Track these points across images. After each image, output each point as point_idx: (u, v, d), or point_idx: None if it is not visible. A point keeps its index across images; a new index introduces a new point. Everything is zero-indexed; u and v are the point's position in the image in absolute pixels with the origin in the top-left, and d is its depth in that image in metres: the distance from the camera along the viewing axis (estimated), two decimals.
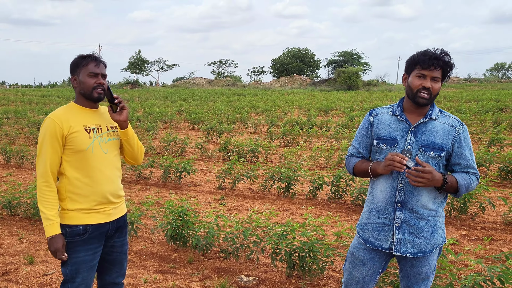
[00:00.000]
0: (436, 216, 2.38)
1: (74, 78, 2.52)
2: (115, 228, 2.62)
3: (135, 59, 76.76)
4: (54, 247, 2.40)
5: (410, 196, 2.34)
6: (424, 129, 2.34)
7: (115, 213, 2.61)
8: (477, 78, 60.46)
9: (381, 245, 2.42)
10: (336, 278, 4.14)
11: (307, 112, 21.49)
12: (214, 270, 4.33)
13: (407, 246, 2.37)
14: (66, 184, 2.46)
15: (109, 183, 2.54)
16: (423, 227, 2.36)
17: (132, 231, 5.03)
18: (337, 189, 6.80)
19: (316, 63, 77.67)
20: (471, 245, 5.03)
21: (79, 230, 2.46)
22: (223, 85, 64.96)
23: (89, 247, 2.50)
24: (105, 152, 2.53)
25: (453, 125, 2.36)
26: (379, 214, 2.43)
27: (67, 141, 2.43)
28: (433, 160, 2.32)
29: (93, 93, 2.48)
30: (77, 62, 2.50)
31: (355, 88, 52.97)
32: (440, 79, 2.29)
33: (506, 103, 22.22)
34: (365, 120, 2.55)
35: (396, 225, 2.37)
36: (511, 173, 7.72)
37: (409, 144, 2.34)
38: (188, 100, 33.96)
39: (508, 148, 10.96)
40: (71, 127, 2.43)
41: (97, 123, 2.55)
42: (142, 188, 7.91)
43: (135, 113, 20.36)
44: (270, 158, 10.68)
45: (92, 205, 2.48)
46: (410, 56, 2.35)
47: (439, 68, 2.25)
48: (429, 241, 2.37)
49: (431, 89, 2.26)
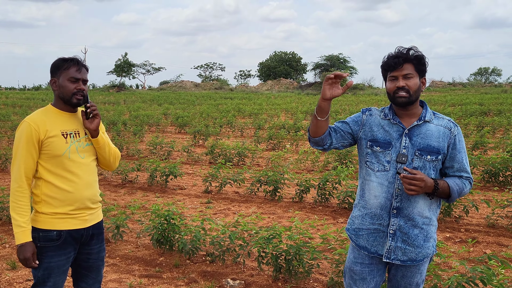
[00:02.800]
0: (429, 224, 2.31)
1: (53, 80, 2.46)
2: (90, 234, 2.56)
3: (122, 62, 76.27)
4: (23, 256, 2.33)
5: (406, 202, 2.26)
6: (418, 132, 2.27)
7: (91, 219, 2.55)
8: (461, 82, 61.26)
9: (377, 252, 2.34)
10: (322, 281, 4.16)
11: (294, 116, 21.56)
12: (200, 274, 4.32)
13: (398, 253, 2.30)
14: (42, 187, 2.41)
15: (86, 189, 2.48)
16: (416, 235, 2.28)
17: (117, 235, 4.99)
18: (323, 192, 6.83)
19: (302, 66, 78.06)
20: (455, 247, 5.09)
21: (52, 236, 2.41)
22: (210, 89, 64.83)
23: (63, 252, 2.45)
24: (82, 157, 2.48)
25: (448, 126, 2.29)
26: (373, 220, 2.34)
27: (43, 146, 2.38)
28: (430, 164, 2.26)
29: (72, 99, 2.43)
30: (58, 65, 2.44)
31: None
32: (413, 74, 2.21)
33: (490, 107, 22.58)
34: (358, 115, 2.44)
35: (391, 232, 2.29)
36: (494, 176, 7.84)
37: (404, 148, 2.26)
38: (174, 103, 33.81)
39: (491, 151, 11.12)
40: (47, 132, 2.38)
41: (75, 128, 2.50)
42: (128, 192, 7.85)
43: (121, 116, 20.20)
44: (257, 162, 10.69)
45: (68, 210, 2.43)
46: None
47: (401, 65, 2.21)
48: (421, 250, 2.30)
49: (406, 86, 2.20)
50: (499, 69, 72.45)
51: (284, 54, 78.09)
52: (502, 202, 5.67)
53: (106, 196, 7.40)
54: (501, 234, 5.54)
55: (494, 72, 70.92)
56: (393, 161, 2.28)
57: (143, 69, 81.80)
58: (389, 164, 2.29)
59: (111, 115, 21.22)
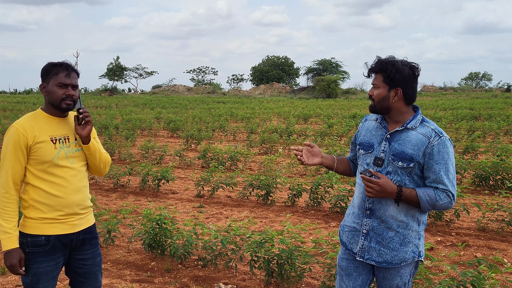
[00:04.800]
0: (407, 228, 2.30)
1: (43, 86, 2.43)
2: (81, 239, 2.52)
3: (114, 66, 75.98)
4: (10, 262, 2.30)
5: (378, 205, 2.32)
6: (398, 138, 2.30)
7: (81, 223, 2.51)
8: (452, 87, 61.75)
9: (352, 249, 2.43)
10: (314, 285, 4.16)
11: (286, 120, 21.60)
12: (192, 278, 4.30)
13: (372, 254, 2.35)
14: (30, 193, 2.38)
15: (75, 194, 2.45)
16: (391, 238, 2.30)
17: (109, 239, 4.96)
18: (315, 196, 6.84)
19: (295, 71, 78.20)
20: (446, 251, 5.12)
21: (41, 241, 2.37)
22: (202, 93, 64.77)
23: (52, 257, 2.41)
24: (72, 163, 2.45)
25: (428, 135, 2.25)
26: (354, 218, 2.44)
27: (32, 151, 2.35)
28: (403, 171, 2.26)
29: (62, 104, 2.39)
30: (48, 70, 2.41)
31: (334, 96, 53.50)
32: (379, 85, 2.32)
33: (480, 112, 22.79)
34: (359, 127, 2.64)
35: (364, 232, 2.37)
36: (485, 180, 7.91)
37: (382, 152, 2.32)
38: (167, 107, 33.75)
39: (482, 155, 11.21)
40: (35, 137, 2.35)
41: (65, 133, 2.46)
42: (120, 196, 7.81)
43: (113, 120, 20.12)
44: (249, 166, 10.69)
45: (56, 215, 2.39)
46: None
47: (370, 76, 2.37)
48: (397, 253, 2.31)
49: (372, 96, 2.36)
50: (490, 74, 73.16)
51: (277, 59, 78.22)
52: (492, 206, 5.71)
53: (98, 200, 7.35)
54: (491, 238, 5.59)
55: (485, 77, 71.53)
56: (371, 164, 2.37)
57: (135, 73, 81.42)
58: (368, 166, 2.39)
59: (103, 119, 21.12)
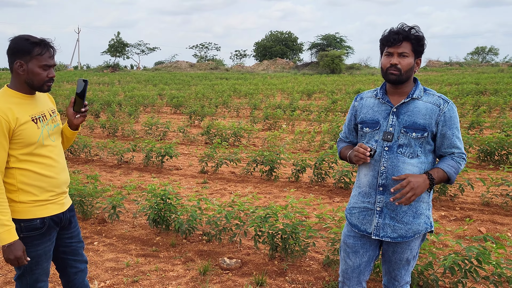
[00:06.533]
0: (419, 201, 2.31)
1: (19, 64, 2.19)
2: (69, 217, 2.50)
3: (115, 42, 75.45)
4: (14, 255, 2.19)
5: (391, 180, 2.28)
6: (406, 110, 2.28)
7: (67, 202, 2.49)
8: (458, 62, 61.09)
9: (366, 230, 2.39)
10: (318, 259, 4.18)
11: (290, 96, 21.48)
12: (197, 253, 4.33)
13: (387, 230, 2.33)
14: (17, 176, 2.24)
15: (63, 172, 2.40)
16: (405, 212, 2.30)
17: (114, 215, 4.99)
18: (319, 172, 6.83)
19: (299, 46, 77.44)
20: (451, 226, 5.13)
21: (36, 224, 2.30)
22: (205, 69, 64.42)
23: (48, 238, 2.38)
24: (53, 141, 2.36)
25: (437, 103, 2.27)
26: (364, 198, 2.39)
27: (15, 135, 2.19)
28: (416, 141, 2.26)
29: (44, 86, 2.26)
30: (28, 49, 2.18)
31: (338, 72, 53.08)
32: (408, 54, 2.22)
33: (486, 87, 22.54)
34: (351, 105, 2.54)
35: (377, 209, 2.33)
36: (490, 155, 7.87)
37: (391, 126, 2.29)
38: (170, 83, 33.59)
39: (487, 130, 11.14)
40: (17, 119, 2.19)
41: (40, 110, 2.33)
42: (124, 172, 7.83)
43: (116, 97, 20.05)
44: (253, 142, 10.67)
45: (48, 196, 2.33)
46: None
47: (400, 42, 2.21)
48: (410, 226, 2.32)
49: (399, 65, 2.22)
50: (496, 48, 72.17)
51: (280, 34, 77.36)
52: (497, 180, 5.69)
53: (102, 176, 7.38)
54: (495, 212, 5.58)
55: (491, 51, 70.64)
56: (380, 140, 2.32)
57: (137, 49, 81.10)
58: (377, 143, 2.33)
59: (106, 95, 21.06)
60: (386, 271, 2.54)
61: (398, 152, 2.27)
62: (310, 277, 3.82)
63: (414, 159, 2.27)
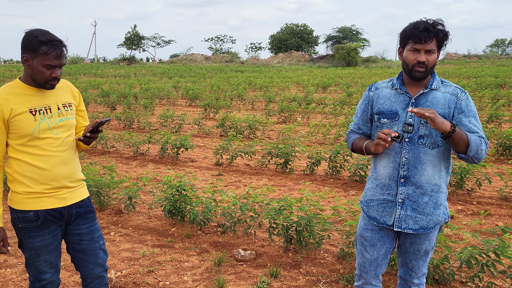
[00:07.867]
0: (439, 191, 2.30)
1: (26, 58, 2.21)
2: (75, 213, 2.41)
3: (131, 34, 75.86)
4: None
5: (413, 170, 2.27)
6: (425, 100, 2.26)
7: (72, 197, 2.39)
8: (477, 54, 60.04)
9: (386, 222, 2.37)
10: (332, 252, 4.18)
11: (305, 89, 21.38)
12: (211, 244, 4.36)
13: (409, 222, 2.31)
14: (13, 166, 2.28)
15: (62, 166, 2.32)
16: (426, 203, 2.29)
17: (130, 206, 5.05)
18: (334, 165, 6.80)
19: (314, 39, 76.88)
20: (467, 220, 5.07)
21: (30, 216, 2.28)
22: (220, 62, 64.44)
23: (46, 231, 2.33)
24: (56, 134, 2.30)
25: (454, 93, 2.27)
26: (383, 190, 2.36)
27: (10, 125, 2.21)
28: (437, 131, 2.22)
29: (46, 85, 2.25)
30: (34, 46, 2.17)
31: (354, 65, 52.64)
32: (435, 50, 2.20)
33: (505, 80, 22.13)
34: (364, 96, 2.49)
35: (399, 201, 2.30)
36: (508, 149, 7.74)
37: (410, 117, 2.26)
38: (185, 76, 33.70)
39: (506, 124, 10.96)
40: (12, 110, 2.20)
41: (46, 103, 2.30)
42: (140, 164, 7.91)
43: (132, 89, 20.21)
44: (268, 134, 10.67)
45: (43, 189, 2.28)
46: (403, 29, 2.26)
47: (431, 40, 2.17)
48: (431, 217, 2.31)
49: (426, 62, 2.18)
50: None
51: (296, 26, 76.86)
52: None
53: (118, 168, 7.46)
54: None
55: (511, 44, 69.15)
56: (400, 131, 2.27)
57: (153, 42, 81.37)
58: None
59: (122, 88, 21.25)
60: (402, 262, 2.53)
61: (419, 143, 2.25)
62: (324, 270, 3.82)
63: (435, 149, 2.25)
